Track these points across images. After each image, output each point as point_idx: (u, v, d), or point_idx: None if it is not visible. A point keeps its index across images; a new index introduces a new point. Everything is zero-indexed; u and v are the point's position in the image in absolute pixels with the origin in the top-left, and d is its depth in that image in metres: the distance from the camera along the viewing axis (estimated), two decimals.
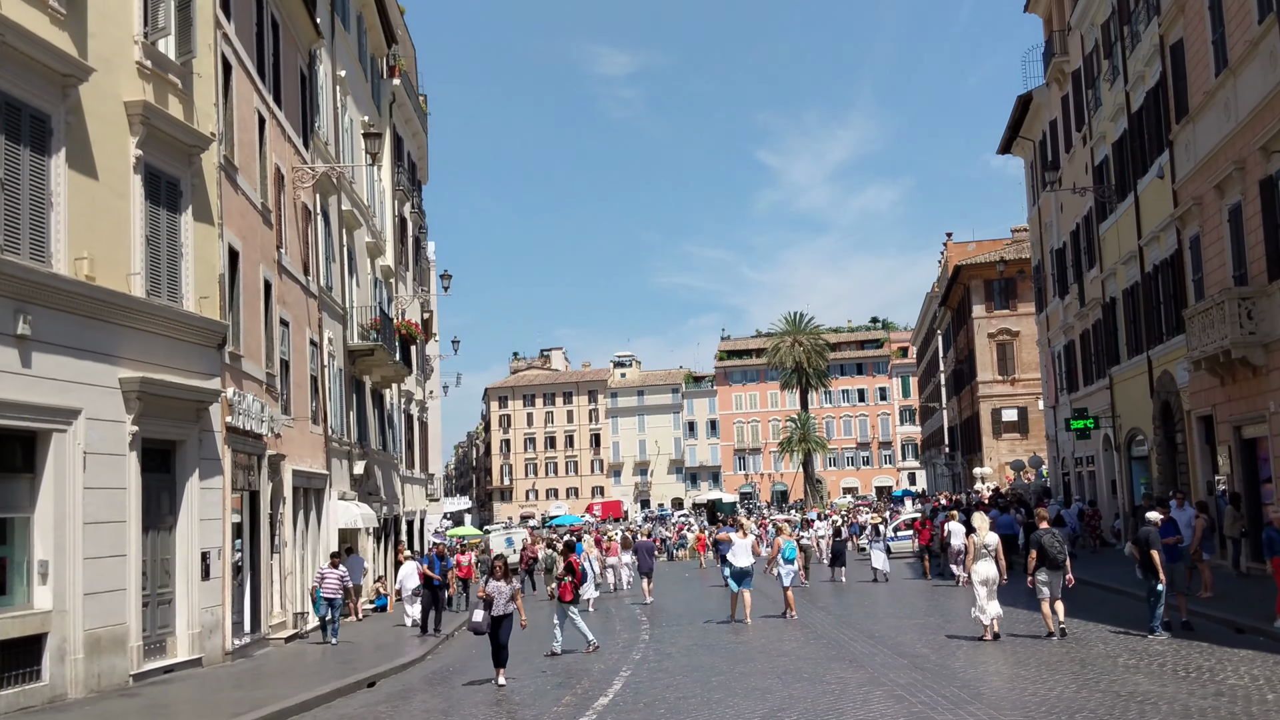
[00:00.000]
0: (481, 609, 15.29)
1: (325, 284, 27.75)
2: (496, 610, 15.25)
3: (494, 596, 15.26)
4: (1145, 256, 29.48)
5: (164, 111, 16.81)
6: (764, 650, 16.18)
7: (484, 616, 15.19)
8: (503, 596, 15.37)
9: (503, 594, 15.37)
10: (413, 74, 46.67)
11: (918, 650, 15.11)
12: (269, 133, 22.78)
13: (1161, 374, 28.57)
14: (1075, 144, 37.00)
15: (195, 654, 17.28)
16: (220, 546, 18.23)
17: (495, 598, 15.25)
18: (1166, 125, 26.87)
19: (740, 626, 19.69)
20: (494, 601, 15.26)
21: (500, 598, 15.33)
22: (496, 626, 15.27)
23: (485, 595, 15.31)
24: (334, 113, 30.15)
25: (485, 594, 15.33)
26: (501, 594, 15.35)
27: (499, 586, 15.39)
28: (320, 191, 27.53)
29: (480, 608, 15.33)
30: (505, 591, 15.43)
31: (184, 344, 17.23)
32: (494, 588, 15.35)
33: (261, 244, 21.68)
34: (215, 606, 18.02)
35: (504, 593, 15.40)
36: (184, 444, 17.37)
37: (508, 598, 15.44)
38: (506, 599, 15.43)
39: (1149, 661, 13.01)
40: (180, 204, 17.49)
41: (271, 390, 21.95)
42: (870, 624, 18.87)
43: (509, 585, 15.54)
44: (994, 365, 61.18)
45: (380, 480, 34.61)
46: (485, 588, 15.48)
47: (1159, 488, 29.34)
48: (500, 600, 15.33)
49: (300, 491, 24.47)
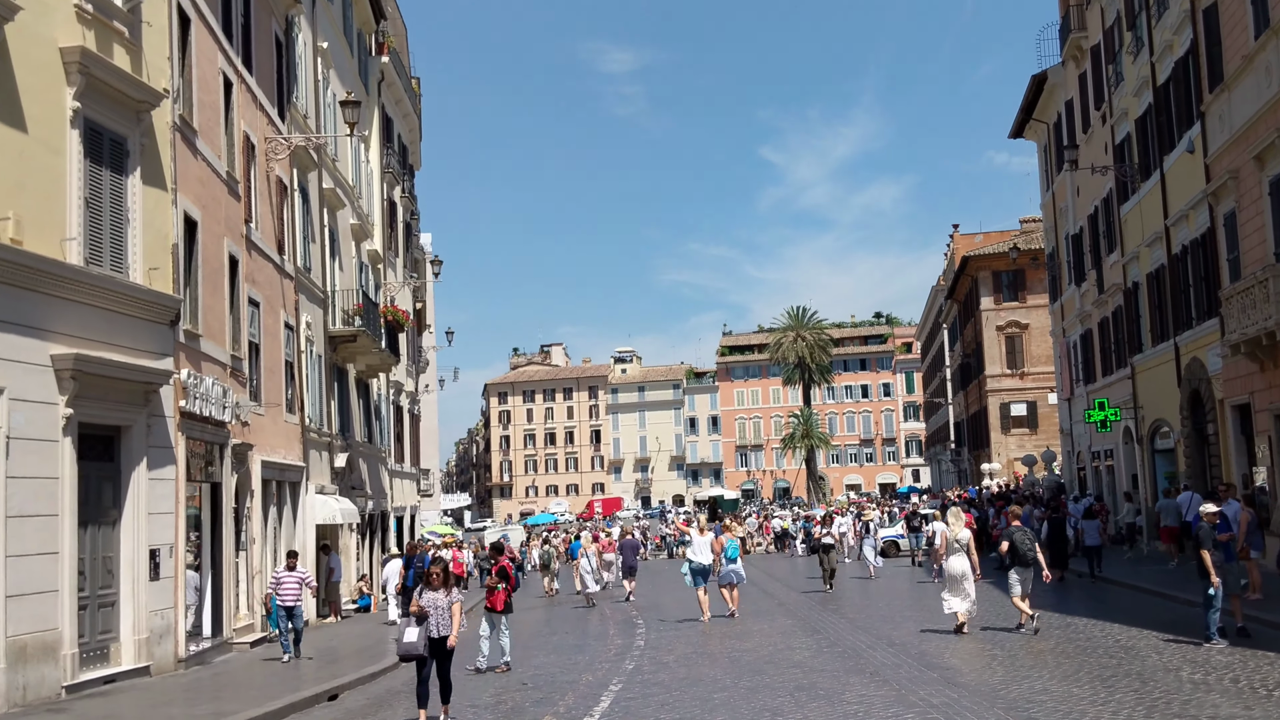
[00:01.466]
0: (412, 627, 11.86)
1: (303, 264, 26.10)
2: (434, 630, 11.94)
3: (429, 612, 11.98)
4: (1172, 237, 27.84)
5: (106, 61, 15.14)
6: (772, 660, 14.45)
7: (417, 636, 11.80)
8: (440, 612, 12.05)
9: (440, 609, 12.05)
10: (404, 54, 45.03)
11: (946, 660, 13.46)
12: (237, 98, 21.13)
13: (1190, 361, 26.94)
14: (1094, 123, 35.33)
15: (142, 661, 15.61)
16: (172, 543, 16.55)
17: (431, 613, 11.98)
18: (1198, 96, 25.23)
19: (743, 632, 18.03)
20: (428, 618, 11.98)
21: (437, 614, 12.02)
22: (434, 650, 11.98)
23: (418, 610, 11.94)
24: (315, 86, 28.50)
25: (418, 608, 11.96)
26: (439, 608, 12.04)
27: (435, 599, 12.04)
28: (298, 167, 25.89)
29: (411, 626, 11.88)
30: (444, 605, 12.08)
31: (130, 319, 15.56)
32: (429, 600, 12.03)
33: (226, 216, 20.01)
34: (166, 609, 16.35)
35: (441, 607, 12.08)
36: (130, 430, 15.70)
37: (446, 613, 12.10)
38: (447, 614, 12.09)
39: (1217, 676, 11.33)
40: (127, 165, 15.83)
41: (238, 374, 20.30)
42: (888, 628, 17.20)
43: (448, 597, 12.13)
44: (1002, 359, 59.64)
45: (366, 474, 32.96)
46: (418, 600, 12.06)
47: (1186, 481, 27.80)
48: (438, 616, 12.02)
49: (272, 484, 22.80)
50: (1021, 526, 16.72)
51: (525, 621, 24.66)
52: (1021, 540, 16.11)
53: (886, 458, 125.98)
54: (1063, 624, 16.26)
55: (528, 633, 21.34)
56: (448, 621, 12.06)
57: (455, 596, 12.24)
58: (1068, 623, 16.39)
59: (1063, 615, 17.33)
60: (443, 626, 12.01)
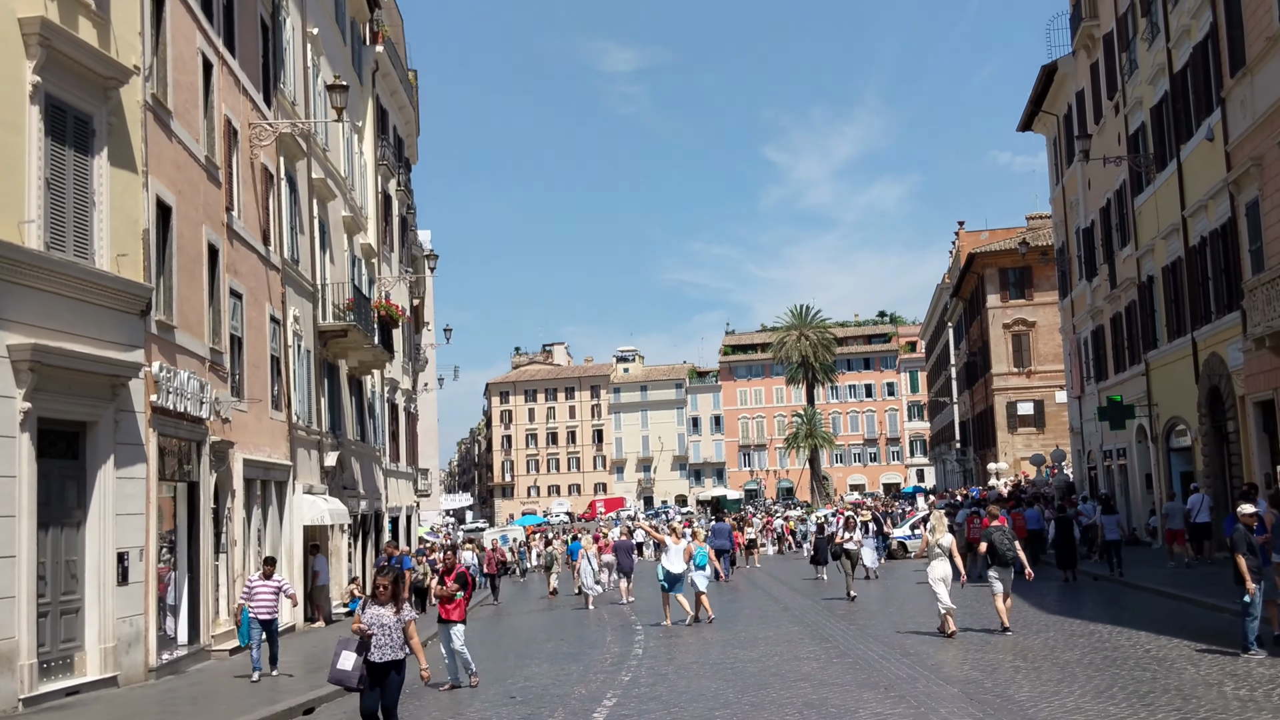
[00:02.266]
0: (351, 651, 9.57)
1: (291, 256, 25.20)
2: (378, 654, 9.59)
3: (372, 632, 9.64)
4: (1190, 228, 26.93)
5: (70, 33, 14.24)
6: (779, 673, 13.45)
7: (355, 665, 9.48)
8: (387, 633, 9.66)
9: (387, 628, 9.67)
10: (400, 46, 44.14)
11: (966, 673, 12.47)
12: (218, 81, 20.23)
13: (1209, 356, 26.01)
14: (1106, 114, 34.39)
15: (109, 672, 14.70)
16: (142, 546, 15.63)
17: (375, 633, 9.64)
18: (1218, 81, 24.32)
19: (748, 640, 17.07)
20: (371, 640, 9.64)
21: (384, 634, 9.65)
22: (377, 680, 9.61)
23: (360, 629, 9.67)
24: (304, 73, 27.61)
25: (360, 627, 9.68)
26: (386, 627, 9.66)
27: (380, 616, 9.69)
28: (285, 155, 24.98)
29: (348, 649, 9.59)
30: (391, 624, 9.70)
31: (96, 308, 14.65)
32: (374, 618, 9.68)
33: (205, 202, 19.10)
34: (135, 616, 15.43)
35: (389, 626, 9.69)
36: (96, 425, 14.80)
37: (398, 634, 9.72)
38: (396, 635, 9.69)
39: (1264, 692, 10.35)
40: (93, 145, 14.92)
41: (217, 369, 19.39)
42: (899, 636, 16.20)
43: (398, 615, 9.81)
44: (1009, 357, 58.72)
45: (359, 473, 32.07)
46: (361, 617, 9.79)
47: (1204, 481, 26.89)
48: (385, 637, 9.64)
49: (256, 484, 21.91)
50: (1000, 527, 16.84)
51: (521, 626, 23.80)
52: (1001, 540, 16.25)
53: (890, 457, 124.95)
54: (1086, 631, 15.31)
55: (522, 639, 20.46)
56: (396, 644, 9.68)
57: (408, 614, 9.88)
58: (1091, 630, 15.44)
59: (1085, 622, 16.35)
60: (389, 650, 9.63)
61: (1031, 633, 15.54)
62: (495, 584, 31.85)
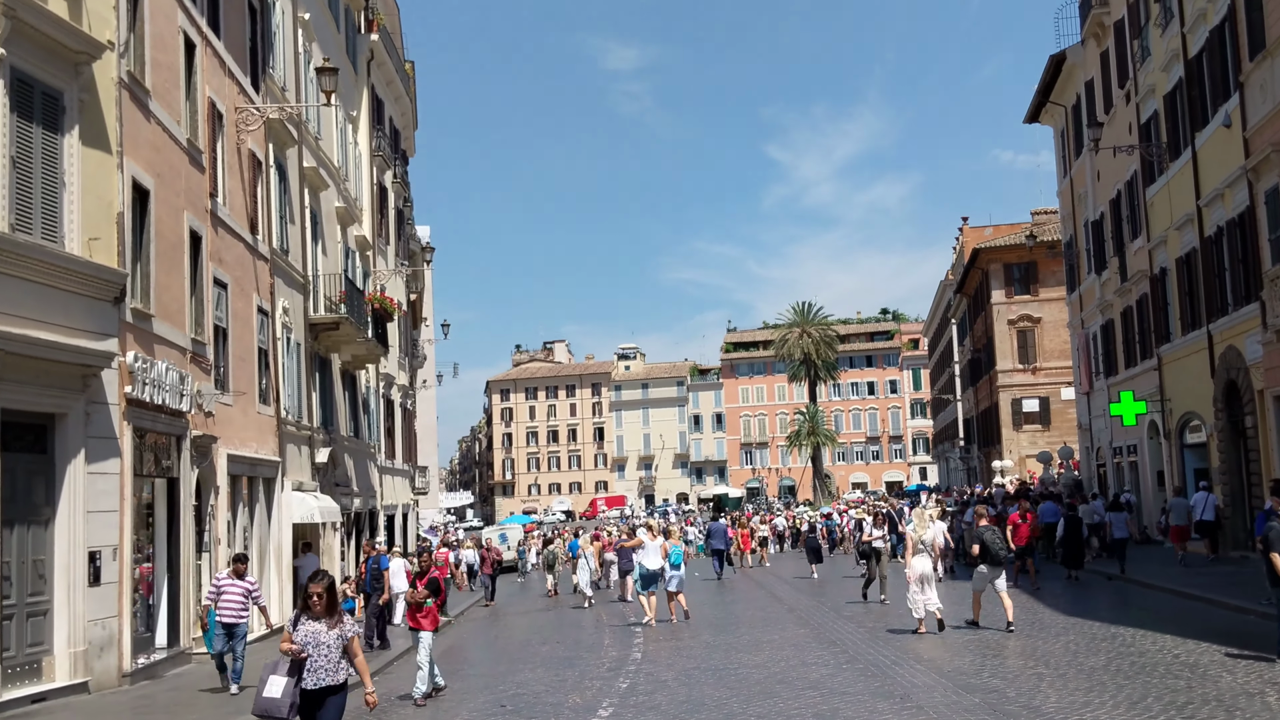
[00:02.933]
0: (277, 674, 8.03)
1: (280, 246, 24.44)
2: (312, 679, 8.07)
3: (306, 653, 8.11)
4: (1205, 218, 26.15)
5: (37, 4, 13.48)
6: (785, 680, 12.66)
7: (285, 690, 7.98)
8: (325, 652, 8.14)
9: (325, 646, 8.15)
10: (396, 36, 43.36)
11: (986, 681, 11.65)
12: (201, 62, 19.47)
13: (1226, 349, 25.23)
14: (1117, 103, 33.61)
15: (79, 677, 13.95)
16: (116, 545, 14.87)
17: (310, 654, 8.12)
18: (1235, 66, 23.56)
19: (753, 644, 16.32)
20: (305, 662, 8.11)
21: (320, 654, 8.12)
22: (312, 709, 8.14)
23: (291, 648, 8.13)
24: (295, 58, 26.82)
25: (291, 647, 8.14)
26: (323, 646, 8.15)
27: (316, 633, 8.16)
28: (275, 142, 24.23)
29: (276, 673, 8.04)
30: (329, 642, 8.17)
31: (64, 294, 13.89)
32: (308, 635, 8.16)
33: (187, 187, 18.34)
34: (109, 618, 14.68)
35: (327, 644, 8.17)
36: (65, 418, 14.05)
37: (337, 653, 8.19)
38: (334, 655, 8.16)
39: None
40: (63, 123, 14.17)
41: (200, 360, 18.64)
42: (913, 641, 15.39)
43: (337, 630, 8.24)
44: (1014, 353, 57.98)
45: (352, 470, 31.32)
46: (292, 634, 8.23)
47: (1219, 478, 26.15)
48: (321, 658, 8.10)
49: (242, 480, 21.16)
50: (991, 526, 17.06)
51: (516, 628, 23.07)
52: (992, 540, 16.47)
53: (893, 455, 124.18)
54: (1107, 635, 14.55)
55: (516, 642, 19.71)
56: (334, 665, 8.13)
57: (349, 628, 8.29)
58: (1112, 633, 14.68)
59: (1105, 625, 15.58)
60: (326, 673, 8.08)
61: (1050, 636, 14.78)
62: (492, 584, 31.08)
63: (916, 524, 16.98)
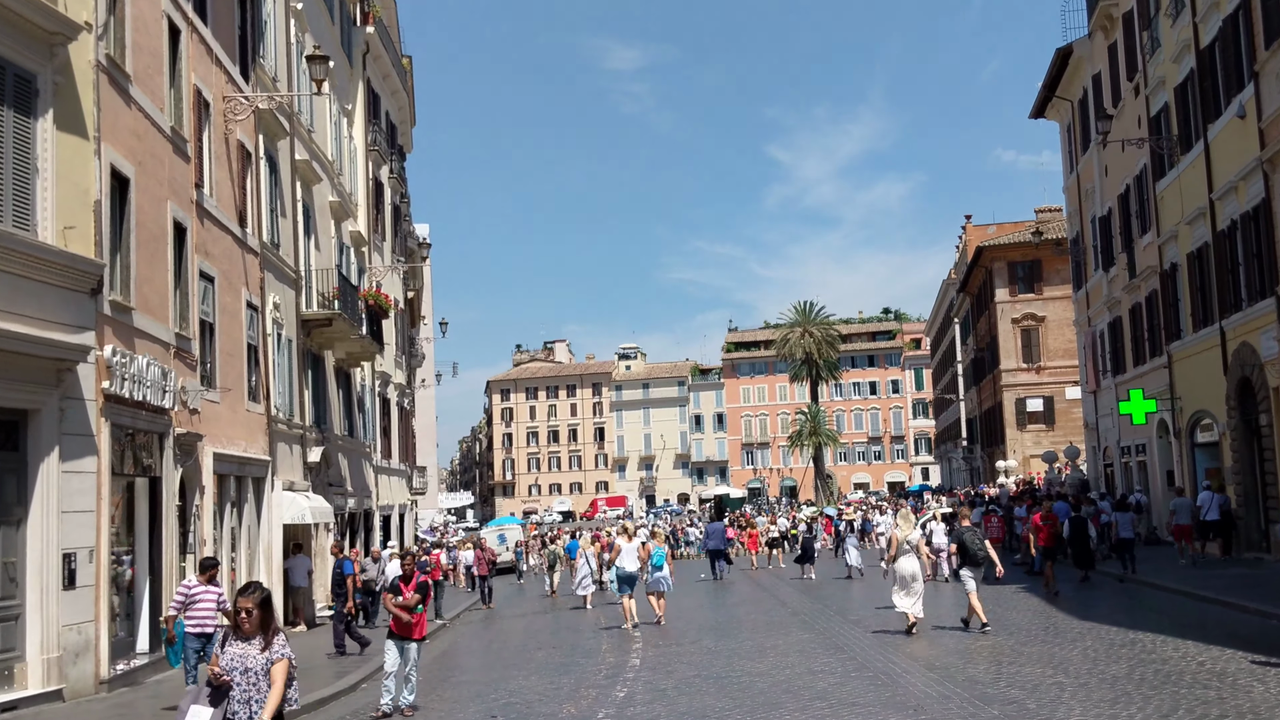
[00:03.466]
0: (203, 706, 6.75)
1: (271, 240, 23.86)
2: (243, 711, 6.78)
3: (228, 681, 6.81)
4: (1218, 212, 25.56)
5: None
6: (790, 688, 12.01)
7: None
8: (253, 679, 6.85)
9: (253, 673, 6.85)
10: (393, 30, 42.79)
11: (1004, 691, 10.99)
12: (187, 48, 18.88)
13: (1239, 346, 24.62)
14: (1125, 96, 33.00)
15: (53, 684, 13.36)
16: (93, 546, 14.28)
17: (237, 681, 6.82)
18: (1250, 55, 22.96)
19: (756, 650, 15.70)
20: (227, 689, 6.80)
21: (248, 681, 6.84)
22: None
23: (215, 674, 6.82)
24: (287, 49, 26.24)
25: (216, 671, 6.83)
26: (251, 673, 6.85)
27: (243, 656, 6.87)
28: (265, 133, 23.66)
29: (198, 702, 6.79)
30: (258, 668, 6.87)
31: (37, 285, 13.30)
32: (234, 658, 6.87)
33: (171, 177, 17.75)
34: (85, 623, 14.08)
35: (254, 672, 6.85)
36: (38, 414, 13.45)
37: (262, 681, 6.84)
38: (264, 683, 6.84)
39: None
40: (35, 106, 13.59)
41: (184, 355, 18.04)
42: (924, 647, 14.74)
43: (266, 653, 6.91)
44: (1018, 352, 57.42)
45: (346, 470, 30.75)
46: (218, 657, 6.93)
47: (1233, 478, 25.54)
48: (250, 687, 6.82)
49: (229, 479, 20.57)
50: (970, 527, 17.17)
51: (510, 631, 22.47)
52: (971, 540, 16.56)
53: (895, 455, 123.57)
54: (1126, 640, 13.92)
55: (510, 647, 19.09)
56: (265, 696, 6.79)
57: (279, 651, 6.90)
58: (1131, 638, 14.05)
59: (1122, 629, 14.94)
60: (257, 703, 6.76)
61: (1067, 642, 14.15)
62: (488, 586, 30.44)
63: (901, 524, 16.88)
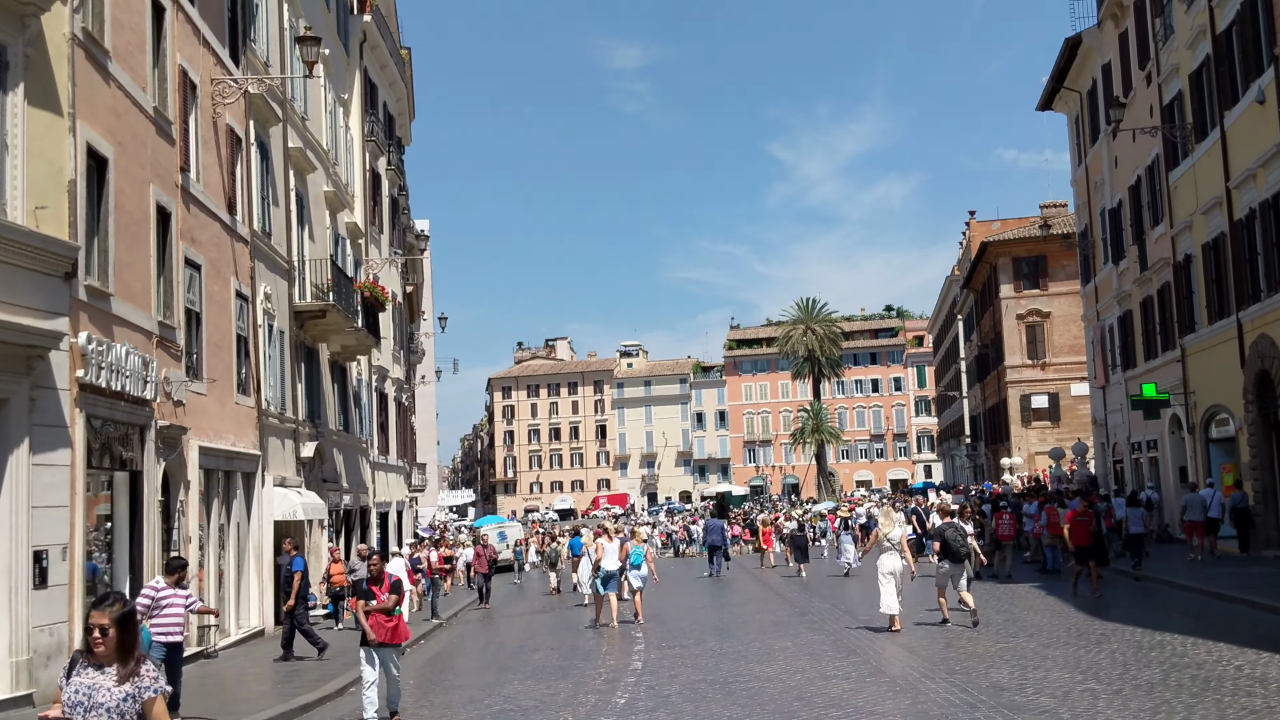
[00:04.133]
0: None
1: (262, 229, 23.17)
2: None
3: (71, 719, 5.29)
4: (1235, 201, 24.84)
5: None
6: (803, 696, 11.26)
7: None
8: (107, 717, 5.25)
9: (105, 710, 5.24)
10: (391, 20, 42.11)
11: (1032, 698, 10.28)
12: (171, 27, 18.17)
13: (1258, 338, 23.92)
14: (1137, 85, 32.26)
15: (23, 689, 12.65)
16: (65, 543, 13.59)
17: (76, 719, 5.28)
18: (1269, 38, 22.25)
19: (763, 653, 15.00)
20: None
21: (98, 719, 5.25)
22: None
23: (49, 715, 5.58)
24: (280, 34, 25.53)
25: (49, 714, 5.59)
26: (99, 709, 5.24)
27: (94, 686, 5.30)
28: (256, 119, 22.96)
29: None
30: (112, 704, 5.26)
31: (6, 267, 12.55)
32: (81, 690, 5.30)
33: (153, 159, 17.05)
34: (57, 624, 13.39)
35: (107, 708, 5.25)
36: (7, 404, 12.74)
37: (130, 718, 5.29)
38: None
39: None
40: (6, 79, 12.88)
41: (168, 345, 17.34)
42: (941, 649, 14.05)
43: (127, 686, 5.29)
44: (1023, 349, 56.65)
45: (342, 466, 30.06)
46: (63, 689, 5.39)
47: (1250, 473, 24.84)
48: None
49: (217, 474, 19.89)
50: (951, 523, 17.05)
51: (508, 632, 21.78)
52: (953, 537, 16.47)
53: (898, 453, 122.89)
54: (1154, 643, 13.23)
55: (508, 649, 18.38)
56: None
57: (148, 685, 5.34)
58: (1159, 640, 13.35)
59: (1149, 631, 14.25)
60: None
61: (1091, 644, 13.45)
62: (486, 585, 29.73)
63: (883, 522, 16.82)
